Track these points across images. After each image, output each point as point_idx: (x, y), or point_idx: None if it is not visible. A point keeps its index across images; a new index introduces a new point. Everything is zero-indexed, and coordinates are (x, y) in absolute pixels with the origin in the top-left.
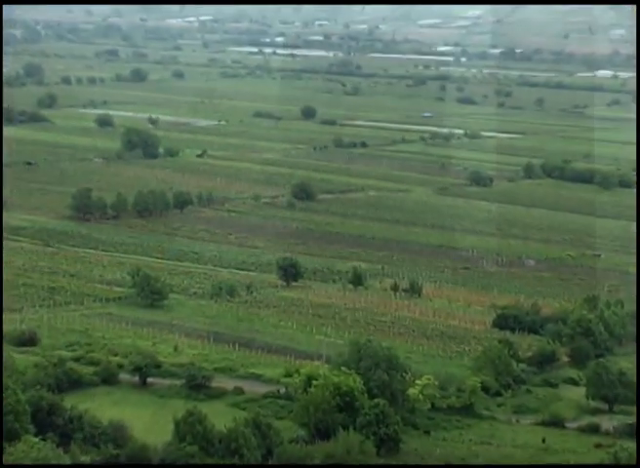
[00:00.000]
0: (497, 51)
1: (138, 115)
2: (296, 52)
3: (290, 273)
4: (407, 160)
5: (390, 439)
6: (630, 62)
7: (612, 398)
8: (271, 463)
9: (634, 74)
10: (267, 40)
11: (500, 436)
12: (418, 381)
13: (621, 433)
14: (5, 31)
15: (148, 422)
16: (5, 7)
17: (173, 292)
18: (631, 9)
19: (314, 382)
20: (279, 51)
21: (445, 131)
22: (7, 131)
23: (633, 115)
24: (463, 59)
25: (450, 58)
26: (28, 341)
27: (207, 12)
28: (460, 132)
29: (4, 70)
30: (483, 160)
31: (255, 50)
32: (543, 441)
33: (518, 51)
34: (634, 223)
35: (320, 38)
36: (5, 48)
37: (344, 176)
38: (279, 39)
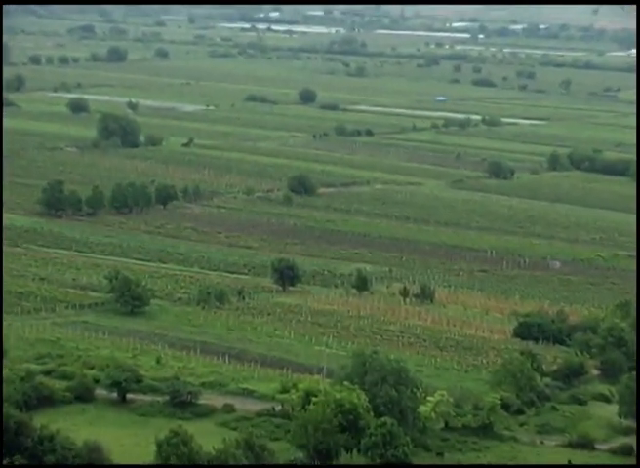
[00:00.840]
0: (518, 27)
1: (115, 99)
2: (293, 28)
3: (286, 276)
4: (417, 150)
5: (399, 462)
6: None
7: None
8: None
9: None
10: (261, 15)
11: (522, 459)
12: (430, 397)
13: None
14: None
15: (128, 443)
16: None
17: (155, 298)
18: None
19: (314, 399)
20: (274, 27)
21: (460, 117)
22: None
23: None
24: (481, 37)
25: (466, 36)
26: None
27: None
28: (478, 118)
29: None
30: (503, 149)
31: (247, 26)
32: (569, 463)
33: (542, 27)
34: None
35: (320, 13)
36: None
37: (347, 168)
38: (274, 14)
